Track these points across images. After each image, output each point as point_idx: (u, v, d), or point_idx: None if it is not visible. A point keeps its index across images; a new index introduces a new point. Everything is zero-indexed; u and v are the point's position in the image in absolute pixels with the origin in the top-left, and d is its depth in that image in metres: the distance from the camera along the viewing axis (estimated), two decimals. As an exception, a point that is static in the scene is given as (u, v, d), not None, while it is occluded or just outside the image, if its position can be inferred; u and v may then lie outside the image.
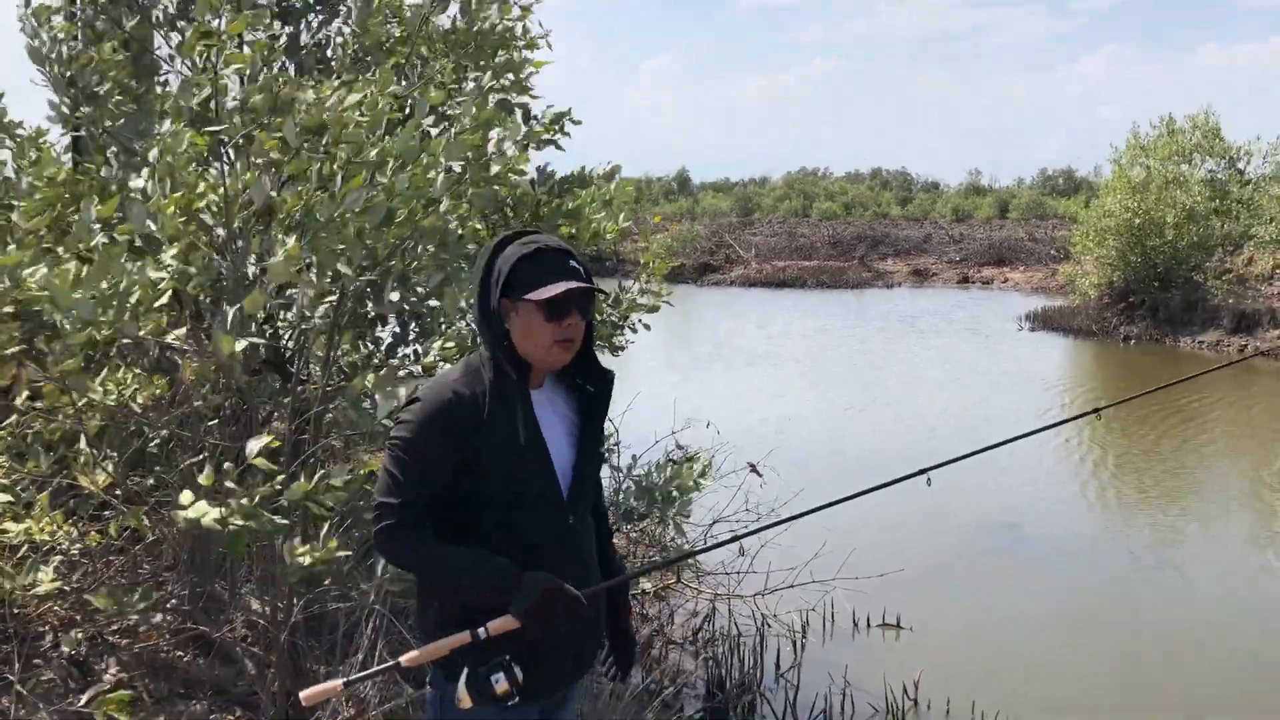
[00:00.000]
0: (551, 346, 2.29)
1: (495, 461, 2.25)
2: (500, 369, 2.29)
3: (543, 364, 2.33)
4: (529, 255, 2.28)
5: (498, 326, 2.30)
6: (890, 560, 7.19)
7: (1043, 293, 31.11)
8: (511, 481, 2.27)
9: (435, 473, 2.24)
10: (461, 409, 2.24)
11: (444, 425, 2.23)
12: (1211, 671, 6.35)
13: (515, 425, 2.28)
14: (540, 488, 2.31)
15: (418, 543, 2.24)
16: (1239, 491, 10.82)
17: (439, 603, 2.36)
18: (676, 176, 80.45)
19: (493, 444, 2.25)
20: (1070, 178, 69.43)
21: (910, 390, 16.07)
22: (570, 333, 2.29)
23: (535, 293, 2.25)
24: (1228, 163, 24.86)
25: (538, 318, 2.26)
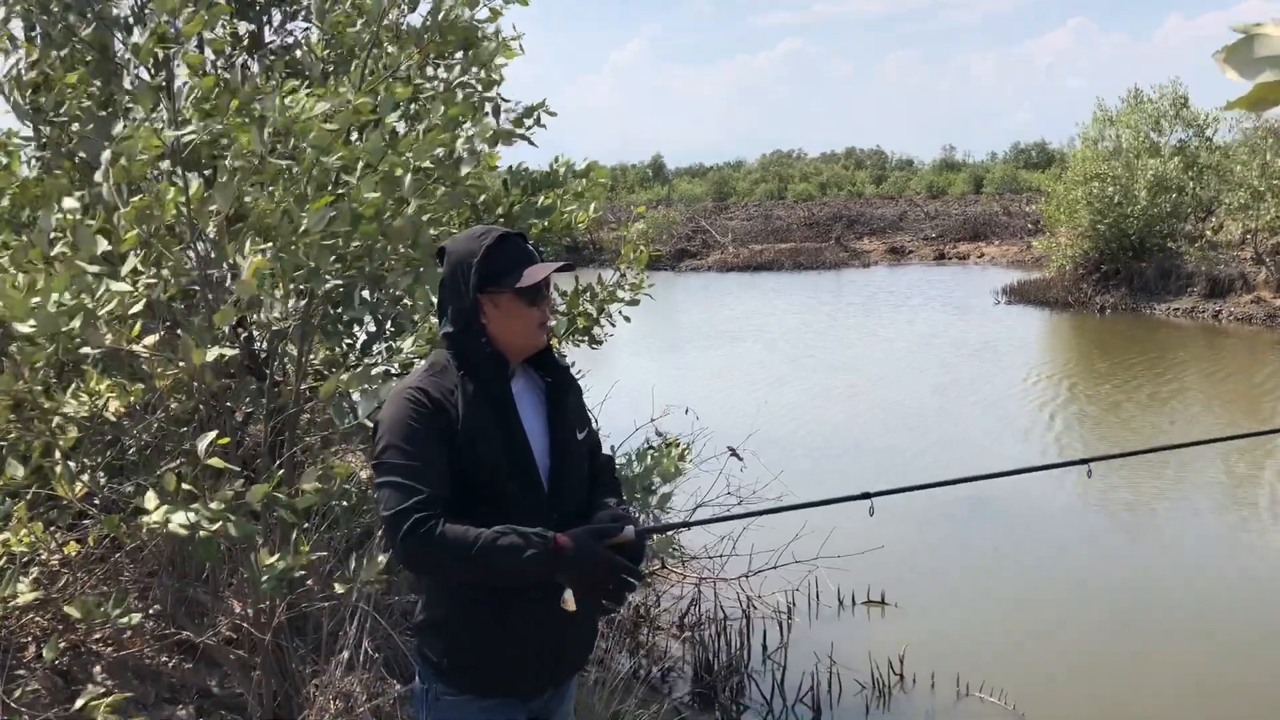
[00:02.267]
0: (535, 331, 2.32)
1: (472, 461, 2.22)
2: (476, 365, 2.28)
3: (524, 350, 2.34)
4: (492, 246, 2.28)
5: (474, 323, 2.29)
6: (873, 538, 7.25)
7: (1019, 266, 31.30)
8: (491, 480, 2.23)
9: (432, 470, 2.16)
10: (437, 408, 2.22)
11: (425, 423, 2.20)
12: (1196, 640, 6.44)
13: (496, 422, 2.26)
14: (521, 484, 2.28)
15: (447, 538, 2.10)
16: (1215, 460, 10.94)
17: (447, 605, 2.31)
18: (651, 164, 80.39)
19: (470, 446, 2.22)
20: (1043, 150, 69.66)
21: (886, 370, 16.14)
22: (547, 314, 2.34)
23: (519, 281, 2.26)
24: (1196, 130, 25.03)
25: (518, 305, 2.28)
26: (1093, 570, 7.53)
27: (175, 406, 3.17)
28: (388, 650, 3.92)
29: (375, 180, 3.13)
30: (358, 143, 3.40)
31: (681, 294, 28.44)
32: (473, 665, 2.31)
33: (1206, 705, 5.63)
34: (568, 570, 2.14)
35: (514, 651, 2.30)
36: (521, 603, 2.26)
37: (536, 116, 5.37)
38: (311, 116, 2.99)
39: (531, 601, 2.25)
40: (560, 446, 2.37)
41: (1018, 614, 6.82)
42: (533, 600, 2.24)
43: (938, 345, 18.24)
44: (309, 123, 2.99)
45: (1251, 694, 5.71)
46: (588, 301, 5.25)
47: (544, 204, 4.85)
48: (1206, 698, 5.69)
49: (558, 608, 2.20)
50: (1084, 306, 22.90)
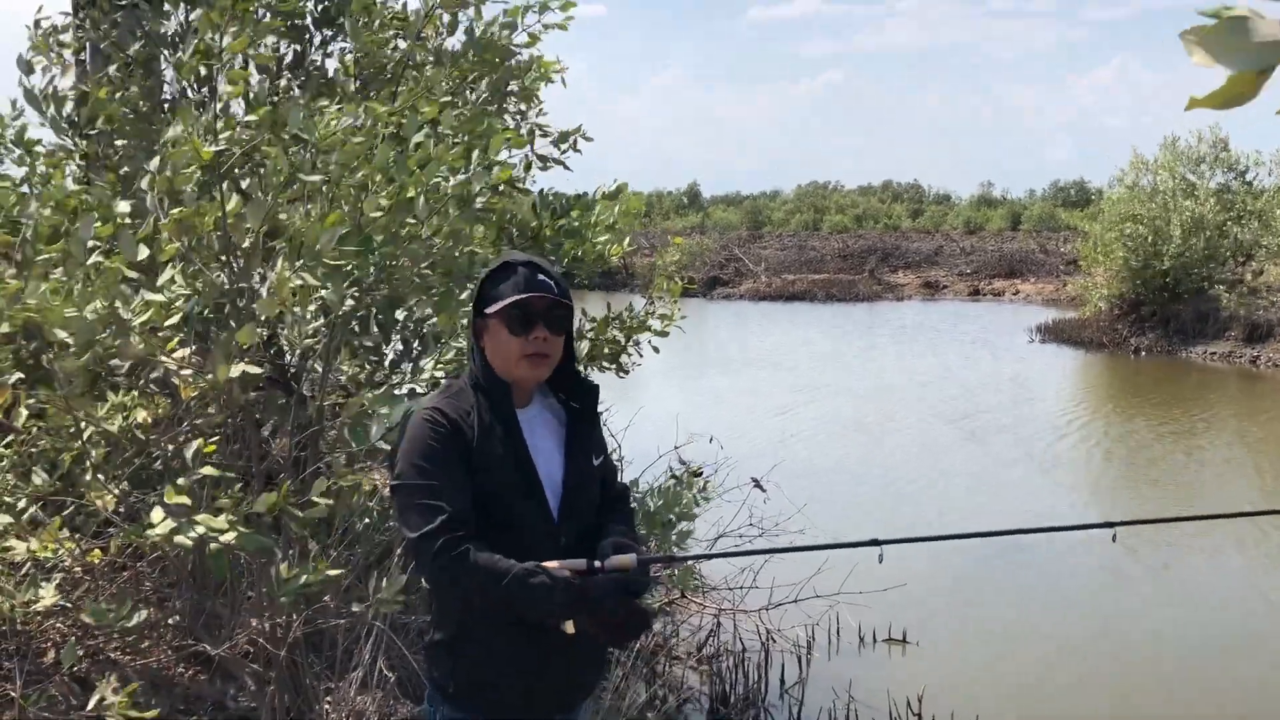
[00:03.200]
0: (519, 361, 2.27)
1: (484, 482, 2.22)
2: (482, 388, 2.29)
3: (517, 381, 2.31)
4: (495, 271, 2.31)
5: (477, 344, 2.32)
6: (895, 575, 7.18)
7: (1054, 305, 31.03)
8: (499, 504, 2.23)
9: (453, 490, 2.17)
10: (454, 427, 2.22)
11: (444, 443, 2.20)
12: (1221, 690, 6.32)
13: (502, 449, 2.26)
14: (528, 509, 2.27)
15: (478, 564, 2.10)
16: (1255, 523, 10.77)
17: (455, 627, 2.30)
18: (687, 191, 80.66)
19: (480, 467, 2.23)
20: (1082, 189, 69.25)
21: (915, 405, 16.03)
22: (539, 347, 2.27)
23: (493, 305, 2.27)
24: (1237, 174, 24.82)
25: (503, 332, 2.27)
26: (1118, 617, 7.42)
27: (201, 421, 3.20)
28: (402, 670, 3.92)
29: (386, 197, 3.15)
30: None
31: (712, 322, 28.43)
32: (480, 688, 2.30)
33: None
34: (590, 617, 2.16)
35: (522, 675, 2.29)
36: (530, 627, 2.25)
37: (573, 141, 5.41)
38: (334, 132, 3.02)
39: (542, 626, 2.24)
40: (574, 472, 2.36)
41: (1040, 658, 6.72)
42: (539, 628, 2.24)
43: (969, 382, 18.10)
44: (336, 138, 3.03)
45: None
46: (617, 329, 5.25)
47: (571, 225, 4.85)
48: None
49: (569, 641, 2.21)
50: (1119, 347, 22.66)
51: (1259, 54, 0.91)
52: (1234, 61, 0.92)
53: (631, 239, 5.19)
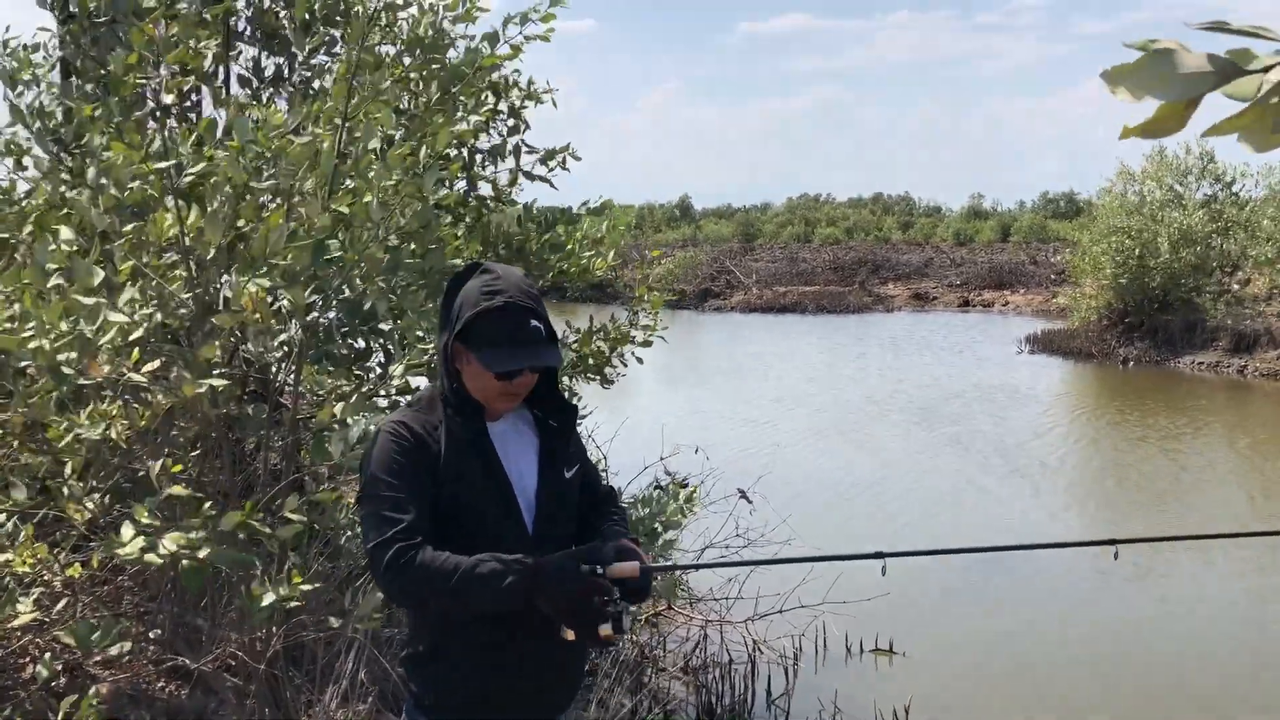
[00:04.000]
0: (499, 397, 2.27)
1: (452, 500, 2.21)
2: (452, 404, 2.27)
3: (490, 407, 2.30)
4: (491, 311, 2.22)
5: (450, 365, 2.27)
6: (881, 585, 7.17)
7: (1043, 315, 31.14)
8: (470, 523, 2.21)
9: (417, 500, 2.15)
10: (420, 442, 2.21)
11: (408, 456, 2.19)
12: (1211, 702, 6.33)
13: (475, 465, 2.25)
14: (504, 525, 2.25)
15: (431, 564, 2.08)
16: (1236, 521, 10.80)
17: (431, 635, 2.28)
18: (678, 203, 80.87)
19: (451, 482, 2.21)
20: (1071, 201, 69.52)
21: (905, 416, 16.05)
22: (518, 389, 2.27)
23: (490, 360, 2.20)
24: (1224, 186, 24.98)
25: (486, 375, 2.23)
26: (1106, 627, 7.43)
27: (175, 433, 3.20)
28: (383, 682, 3.91)
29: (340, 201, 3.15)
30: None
31: (703, 333, 28.45)
32: (457, 701, 2.29)
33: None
34: (547, 594, 2.10)
35: (499, 688, 2.27)
36: (508, 638, 2.24)
37: (562, 159, 5.43)
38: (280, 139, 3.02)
39: (518, 638, 2.23)
40: (548, 486, 2.35)
41: (1027, 668, 6.73)
42: (519, 637, 2.23)
43: (958, 393, 18.13)
44: (285, 142, 3.03)
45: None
46: (600, 340, 5.27)
47: (556, 240, 4.87)
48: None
49: (544, 644, 2.20)
50: (1107, 358, 22.74)
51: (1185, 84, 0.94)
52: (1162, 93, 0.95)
53: (623, 251, 5.21)
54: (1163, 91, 0.94)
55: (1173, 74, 0.94)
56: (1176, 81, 0.93)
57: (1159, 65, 0.94)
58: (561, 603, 2.11)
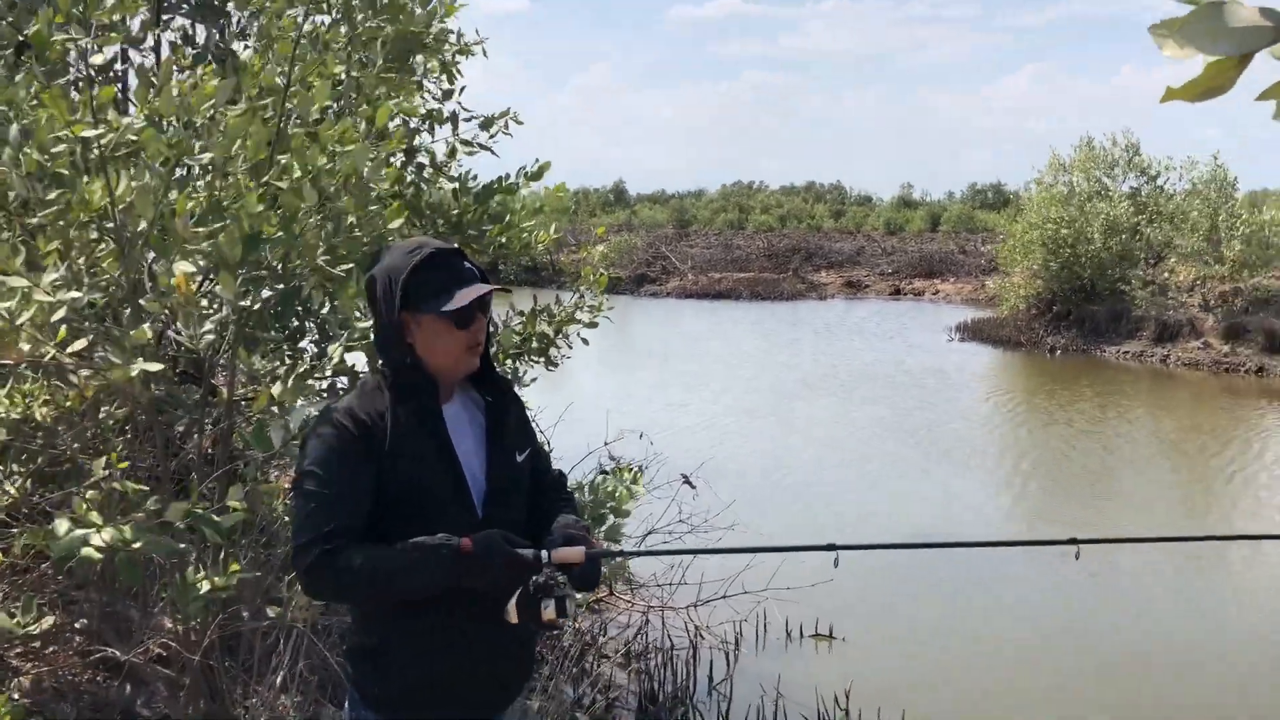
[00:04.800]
0: (463, 354, 2.21)
1: (402, 487, 2.14)
2: (405, 387, 2.20)
3: (453, 373, 2.24)
4: (422, 263, 2.17)
5: (400, 341, 2.19)
6: (823, 571, 7.21)
7: (972, 304, 31.65)
8: (421, 508, 2.14)
9: (349, 500, 2.09)
10: (363, 431, 2.13)
11: (348, 449, 2.11)
12: (1145, 682, 6.45)
13: (426, 444, 2.18)
14: (454, 510, 2.19)
15: (350, 563, 2.03)
16: (1175, 505, 11.07)
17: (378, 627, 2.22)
18: (613, 188, 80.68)
19: (399, 468, 2.14)
20: (999, 192, 70.68)
21: (840, 402, 16.19)
22: (479, 336, 2.22)
23: (446, 305, 2.15)
24: (1149, 179, 25.59)
25: (445, 328, 2.17)
26: (1045, 609, 7.54)
27: (102, 415, 3.05)
28: (323, 672, 3.80)
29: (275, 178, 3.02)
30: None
31: (640, 319, 28.42)
32: (404, 694, 2.23)
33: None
34: (475, 572, 2.07)
35: (446, 680, 2.22)
36: (455, 626, 2.18)
37: (503, 124, 5.27)
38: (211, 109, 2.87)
39: (464, 625, 2.18)
40: (497, 469, 2.29)
41: (965, 652, 6.80)
42: (465, 623, 2.18)
43: (891, 379, 18.34)
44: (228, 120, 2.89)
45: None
46: (545, 322, 5.17)
47: (496, 210, 4.73)
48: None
49: (491, 628, 2.16)
50: (1035, 346, 23.19)
51: (1240, 39, 0.88)
52: (1213, 48, 0.89)
53: (559, 232, 5.10)
54: (1212, 46, 0.88)
55: (1223, 28, 0.88)
56: (1227, 36, 0.87)
57: (1209, 19, 0.88)
58: (491, 577, 2.08)
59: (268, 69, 3.45)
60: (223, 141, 3.04)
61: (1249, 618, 7.43)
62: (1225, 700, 6.14)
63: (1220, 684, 6.36)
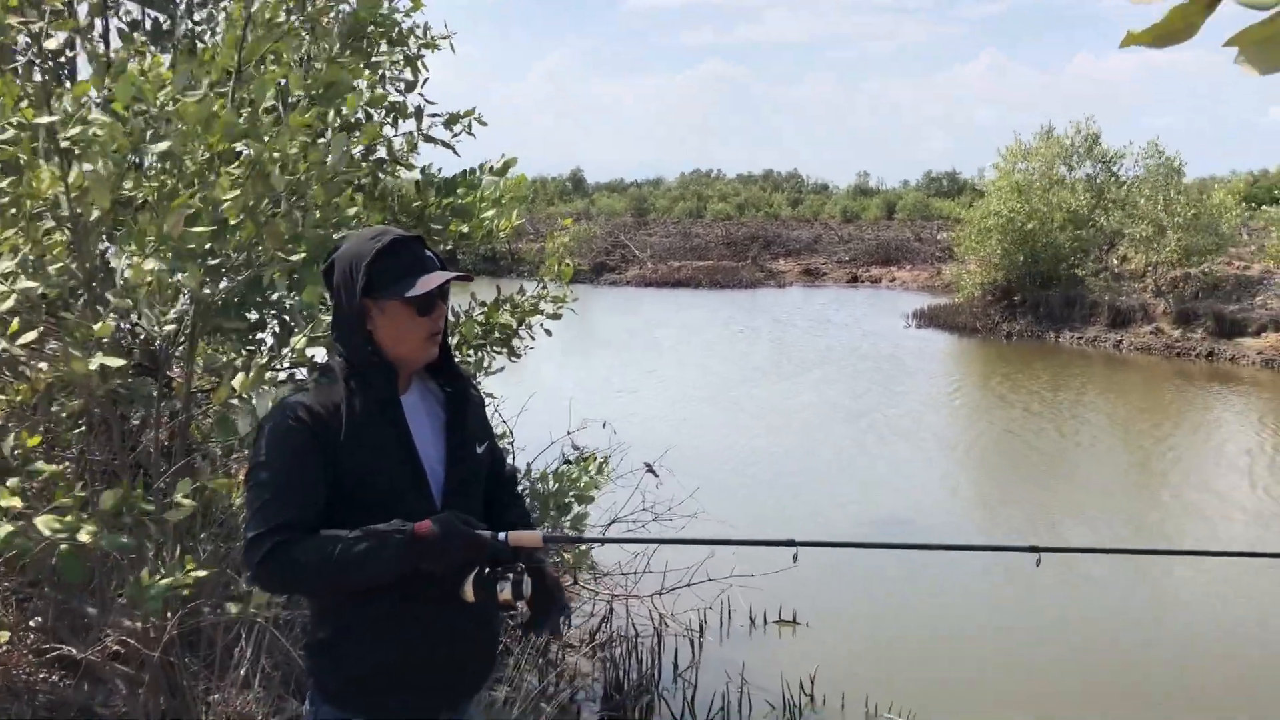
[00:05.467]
0: (424, 342, 2.20)
1: (360, 478, 2.12)
2: (364, 376, 2.17)
3: (414, 362, 2.23)
4: (384, 250, 2.15)
5: (360, 329, 2.17)
6: (787, 557, 7.24)
7: (929, 291, 31.95)
8: (379, 498, 2.11)
9: (302, 492, 2.07)
10: (318, 424, 2.11)
11: (303, 441, 2.09)
12: (1102, 668, 6.54)
13: (385, 434, 2.16)
14: (412, 501, 2.16)
15: (301, 554, 2.01)
16: (1117, 484, 11.23)
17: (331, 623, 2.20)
18: (571, 177, 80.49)
19: (357, 460, 2.11)
20: (954, 180, 71.40)
21: (800, 390, 16.27)
22: (439, 324, 2.21)
23: (409, 290, 2.13)
24: (1104, 166, 25.91)
25: (407, 315, 2.16)
26: (1004, 594, 7.63)
27: (55, 408, 2.97)
28: (286, 668, 3.75)
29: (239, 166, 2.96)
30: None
31: (600, 308, 28.37)
32: (364, 688, 2.20)
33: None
34: (435, 556, 2.05)
35: (406, 674, 2.20)
36: (409, 617, 2.16)
37: (467, 124, 5.23)
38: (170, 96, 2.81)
39: (422, 612, 2.16)
40: (456, 460, 2.27)
41: (928, 636, 6.86)
42: (423, 611, 2.16)
43: (851, 366, 18.45)
44: (185, 106, 2.83)
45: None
46: (507, 312, 5.13)
47: (461, 203, 4.69)
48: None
49: (451, 614, 2.15)
50: (991, 332, 23.44)
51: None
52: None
53: (517, 214, 5.06)
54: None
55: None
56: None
57: None
58: (450, 559, 2.07)
59: (220, 54, 3.38)
60: (182, 129, 2.97)
61: (1204, 607, 7.56)
62: (1183, 685, 6.25)
63: (1177, 671, 6.47)
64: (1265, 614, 7.20)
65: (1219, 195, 23.25)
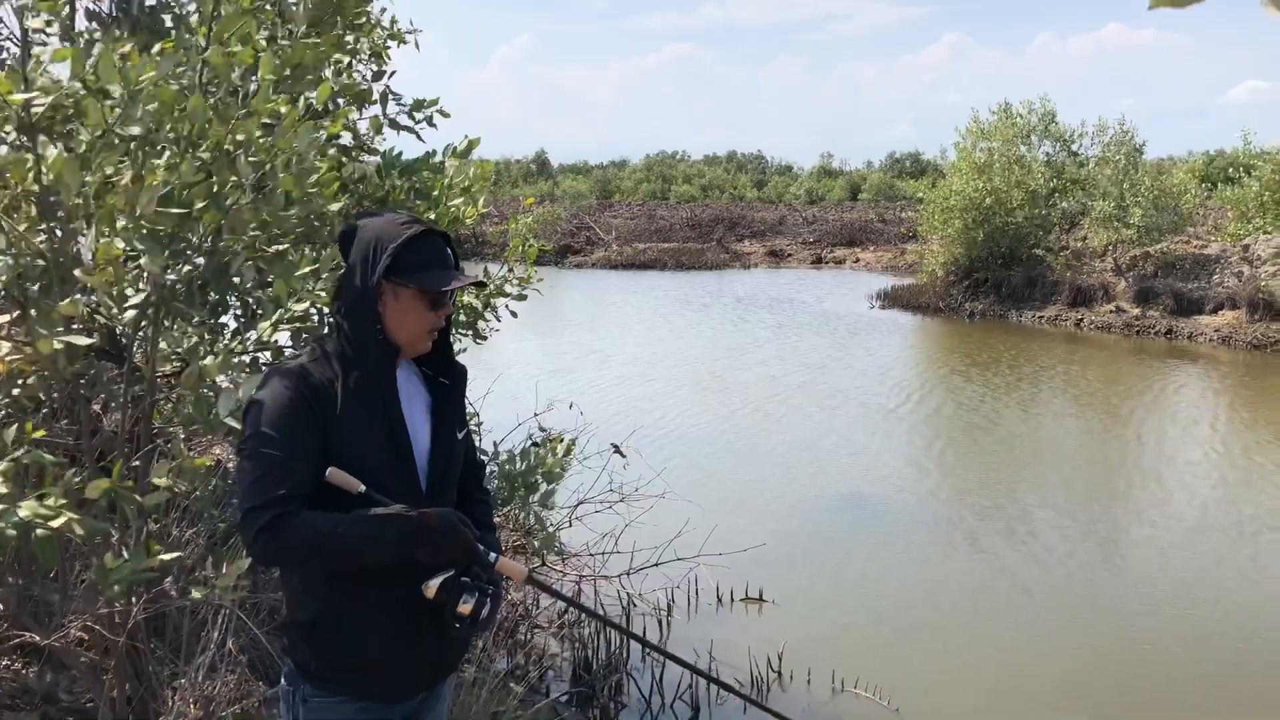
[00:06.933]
0: (425, 334, 2.24)
1: (351, 453, 2.12)
2: (363, 352, 2.18)
3: (409, 351, 2.26)
4: (416, 238, 2.18)
5: (371, 307, 2.18)
6: (754, 535, 7.31)
7: (892, 271, 32.17)
8: (366, 475, 2.12)
9: (303, 462, 2.07)
10: (314, 394, 2.11)
11: (301, 411, 2.09)
12: (1066, 637, 6.64)
13: (377, 415, 2.17)
14: (398, 481, 2.18)
15: (303, 527, 2.02)
16: (1076, 461, 11.38)
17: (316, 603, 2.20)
18: (535, 159, 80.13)
19: (348, 434, 2.12)
20: (917, 161, 71.77)
21: (767, 370, 16.33)
22: (442, 322, 2.26)
23: (429, 282, 2.17)
24: (1062, 144, 26.15)
25: (419, 305, 2.20)
26: (968, 569, 7.72)
27: (18, 391, 2.93)
28: (253, 651, 3.73)
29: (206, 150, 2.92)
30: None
31: (566, 290, 28.31)
32: (343, 666, 2.22)
33: (1075, 698, 5.80)
34: (430, 549, 2.11)
35: (386, 653, 2.22)
36: (393, 602, 2.19)
37: (429, 115, 5.20)
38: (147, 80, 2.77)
39: (402, 601, 2.18)
40: (442, 445, 2.30)
41: (894, 611, 6.93)
42: (403, 600, 2.18)
43: (817, 346, 18.55)
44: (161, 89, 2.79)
45: (1114, 687, 5.92)
46: (474, 295, 5.12)
47: (424, 187, 4.66)
48: (1076, 692, 5.88)
49: (433, 612, 2.16)
50: (954, 312, 23.64)
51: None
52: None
53: (485, 207, 5.05)
54: None
55: None
56: None
57: None
58: (443, 555, 2.13)
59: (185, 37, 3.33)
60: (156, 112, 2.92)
61: (1164, 573, 7.69)
62: (1140, 649, 6.36)
63: (1136, 635, 6.58)
64: (1213, 574, 7.34)
65: (1178, 175, 23.55)
